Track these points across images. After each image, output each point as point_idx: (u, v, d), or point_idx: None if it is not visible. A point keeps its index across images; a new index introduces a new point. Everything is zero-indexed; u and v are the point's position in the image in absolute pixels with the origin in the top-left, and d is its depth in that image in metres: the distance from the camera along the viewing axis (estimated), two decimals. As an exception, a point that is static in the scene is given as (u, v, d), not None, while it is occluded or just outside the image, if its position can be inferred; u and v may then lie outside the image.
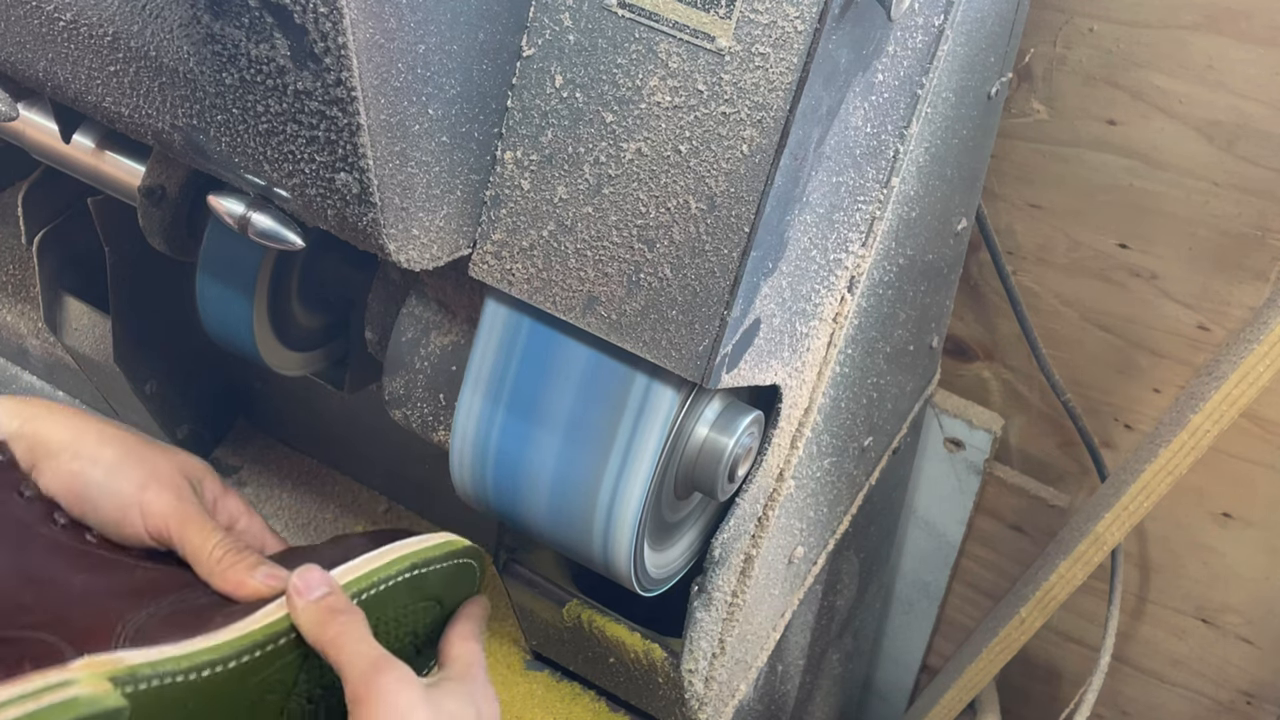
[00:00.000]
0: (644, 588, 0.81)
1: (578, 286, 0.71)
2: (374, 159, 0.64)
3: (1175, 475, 1.07)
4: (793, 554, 0.96)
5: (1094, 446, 1.28)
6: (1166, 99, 1.10)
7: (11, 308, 1.19)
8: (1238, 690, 1.42)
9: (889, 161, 0.79)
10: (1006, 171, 1.20)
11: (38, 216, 1.07)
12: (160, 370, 1.12)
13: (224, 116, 0.68)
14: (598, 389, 0.74)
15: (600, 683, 1.02)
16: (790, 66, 0.63)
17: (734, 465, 0.77)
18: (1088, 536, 1.14)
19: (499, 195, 0.71)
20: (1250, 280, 1.15)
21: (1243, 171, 1.10)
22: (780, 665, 1.09)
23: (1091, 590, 1.31)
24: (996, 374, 1.34)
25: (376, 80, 0.61)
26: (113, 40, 0.69)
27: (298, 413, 1.22)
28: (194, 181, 0.91)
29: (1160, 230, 1.17)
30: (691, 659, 0.88)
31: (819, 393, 0.84)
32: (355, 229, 0.68)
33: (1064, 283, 1.25)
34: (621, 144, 0.67)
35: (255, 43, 0.63)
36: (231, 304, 0.93)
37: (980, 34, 0.86)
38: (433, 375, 0.83)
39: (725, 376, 0.71)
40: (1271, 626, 1.35)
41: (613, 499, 0.75)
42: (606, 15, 0.66)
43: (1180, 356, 1.23)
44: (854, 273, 0.81)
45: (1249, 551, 1.31)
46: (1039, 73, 1.14)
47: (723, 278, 0.67)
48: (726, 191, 0.66)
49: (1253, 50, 1.04)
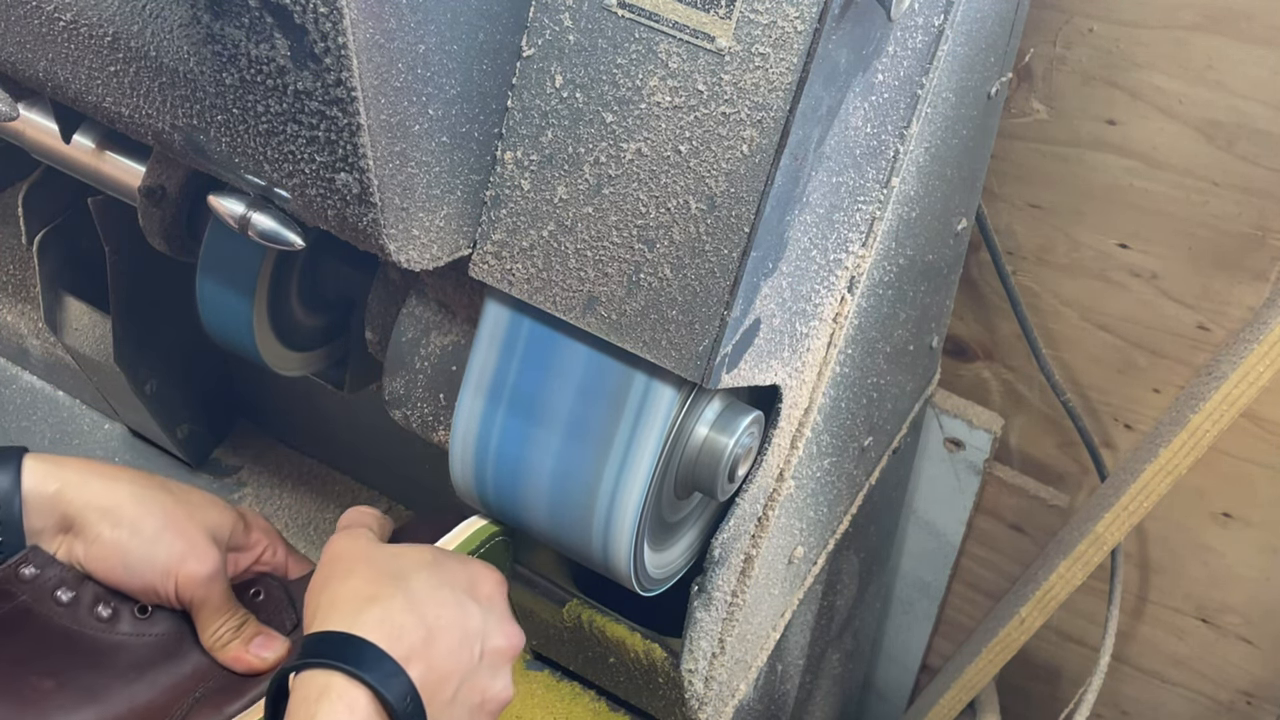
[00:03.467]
0: (644, 587, 0.81)
1: (578, 286, 0.71)
2: (374, 159, 0.64)
3: (1175, 475, 1.07)
4: (793, 554, 0.96)
5: (1094, 446, 1.28)
6: (1166, 99, 1.10)
7: (11, 308, 1.19)
8: (1238, 690, 1.42)
9: (889, 161, 0.79)
10: (1006, 171, 1.20)
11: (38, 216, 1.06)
12: (160, 370, 1.12)
13: (224, 116, 0.68)
14: (597, 389, 0.74)
15: (600, 683, 1.02)
16: (790, 66, 0.63)
17: (734, 465, 0.77)
18: (1088, 536, 1.14)
19: (499, 195, 0.71)
20: (1250, 280, 1.15)
21: (1243, 171, 1.10)
22: (780, 665, 1.09)
23: (1091, 590, 1.31)
24: (996, 374, 1.34)
25: (376, 80, 0.61)
26: (113, 40, 0.69)
27: (298, 413, 1.22)
28: (194, 181, 0.91)
29: (1160, 230, 1.17)
30: (691, 659, 0.88)
31: (819, 393, 0.84)
32: (355, 229, 0.68)
33: (1064, 283, 1.25)
34: (621, 144, 0.67)
35: (255, 43, 0.63)
36: (231, 304, 0.93)
37: (980, 34, 0.86)
38: (433, 375, 0.83)
39: (725, 376, 0.71)
40: (1271, 626, 1.35)
41: (612, 499, 0.75)
42: (606, 15, 0.66)
43: (1180, 356, 1.23)
44: (854, 273, 0.81)
45: (1249, 551, 1.31)
46: (1039, 73, 1.14)
47: (723, 278, 0.67)
48: (726, 191, 0.66)
49: (1253, 50, 1.04)
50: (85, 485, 0.77)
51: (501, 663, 0.73)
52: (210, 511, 0.80)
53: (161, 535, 0.77)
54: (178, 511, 0.78)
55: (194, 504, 0.80)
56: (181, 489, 0.81)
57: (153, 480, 0.80)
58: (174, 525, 0.78)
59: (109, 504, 0.77)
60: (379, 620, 0.67)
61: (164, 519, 0.77)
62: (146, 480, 0.79)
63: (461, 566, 0.75)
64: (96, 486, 0.77)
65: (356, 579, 0.70)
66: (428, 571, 0.72)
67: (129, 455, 1.22)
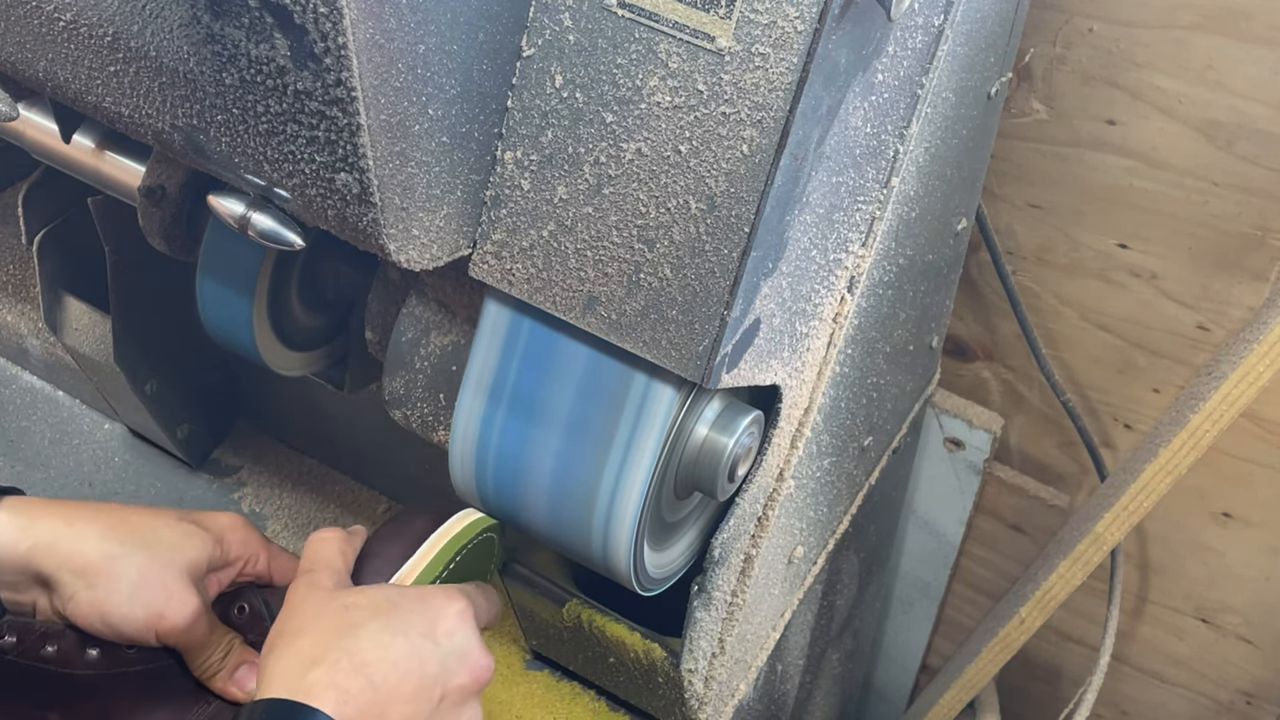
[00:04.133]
0: (644, 587, 0.81)
1: (578, 286, 0.71)
2: (374, 159, 0.64)
3: (1175, 475, 1.07)
4: (793, 554, 0.96)
5: (1094, 446, 1.28)
6: (1166, 99, 1.10)
7: (11, 308, 1.19)
8: (1238, 690, 1.42)
9: (889, 161, 0.79)
10: (1006, 171, 1.20)
11: (38, 216, 1.07)
12: (160, 370, 1.12)
13: (224, 116, 0.68)
14: (597, 389, 0.74)
15: (600, 683, 1.02)
16: (790, 66, 0.63)
17: (734, 465, 0.77)
18: (1088, 536, 1.14)
19: (499, 195, 0.71)
20: (1250, 280, 1.15)
21: (1243, 171, 1.10)
22: (780, 665, 1.09)
23: (1091, 590, 1.31)
24: (996, 374, 1.34)
25: (376, 80, 0.61)
26: (113, 40, 0.69)
27: (298, 413, 1.22)
28: (194, 181, 0.91)
29: (1160, 230, 1.17)
30: (691, 659, 0.88)
31: (819, 393, 0.84)
32: (355, 229, 0.68)
33: (1064, 283, 1.25)
34: (621, 144, 0.67)
35: (255, 43, 0.63)
36: (231, 304, 0.93)
37: (980, 34, 0.86)
38: (433, 375, 0.83)
39: (725, 376, 0.71)
40: (1271, 626, 1.35)
41: (612, 499, 0.75)
42: (606, 15, 0.66)
43: (1180, 356, 1.23)
44: (854, 273, 0.81)
45: (1249, 551, 1.31)
46: (1039, 73, 1.14)
47: (723, 278, 0.67)
48: (726, 191, 0.66)
49: (1253, 50, 1.04)
50: (55, 546, 0.77)
51: (466, 698, 0.73)
52: (185, 549, 0.80)
53: (137, 592, 0.78)
54: (152, 564, 0.79)
55: (167, 546, 0.80)
56: (152, 529, 0.80)
57: (124, 526, 0.80)
58: (149, 579, 0.78)
59: (81, 565, 0.77)
60: (326, 685, 0.67)
61: (138, 574, 0.78)
62: (118, 530, 0.79)
63: (419, 606, 0.73)
64: (66, 548, 0.78)
65: (305, 640, 0.70)
66: (380, 622, 0.71)
67: (129, 455, 1.22)
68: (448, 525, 0.81)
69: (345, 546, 0.79)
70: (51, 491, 1.18)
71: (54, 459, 1.21)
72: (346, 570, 0.77)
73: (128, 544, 0.79)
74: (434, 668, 0.71)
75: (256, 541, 0.86)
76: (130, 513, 0.81)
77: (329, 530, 0.80)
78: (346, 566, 0.78)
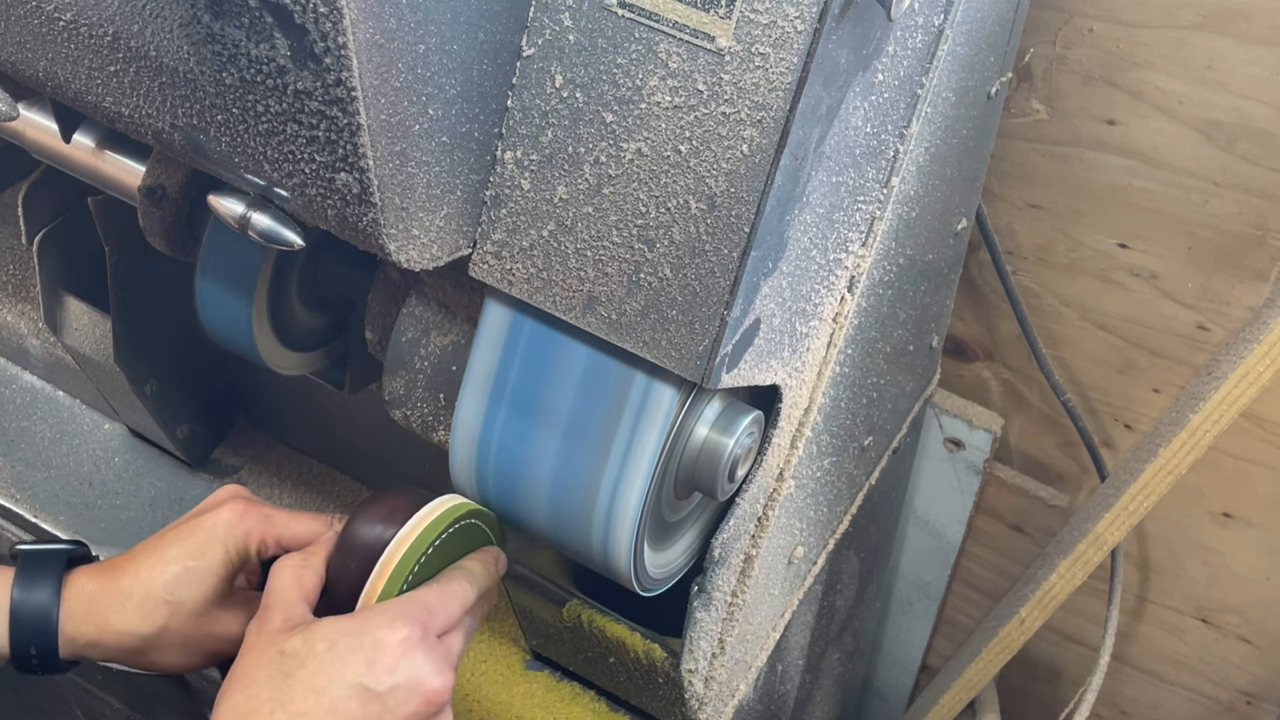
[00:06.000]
0: (644, 587, 0.81)
1: (578, 286, 0.71)
2: (374, 159, 0.64)
3: (1175, 475, 1.07)
4: (793, 554, 0.96)
5: (1094, 446, 1.28)
6: (1166, 99, 1.10)
7: (11, 308, 1.19)
8: (1238, 690, 1.42)
9: (889, 161, 0.79)
10: (1006, 171, 1.20)
11: (38, 216, 1.06)
12: (160, 370, 1.12)
13: (224, 116, 0.68)
14: (598, 389, 0.74)
15: (600, 683, 1.02)
16: (790, 66, 0.63)
17: (734, 465, 0.77)
18: (1088, 536, 1.14)
19: (499, 195, 0.71)
20: (1250, 280, 1.15)
21: (1243, 171, 1.10)
22: (780, 665, 1.09)
23: (1091, 590, 1.31)
24: (996, 374, 1.34)
25: (376, 80, 0.61)
26: (113, 40, 0.69)
27: (298, 413, 1.22)
28: (194, 181, 0.91)
29: (1160, 230, 1.17)
30: (691, 659, 0.88)
31: (819, 393, 0.84)
32: (355, 229, 0.68)
33: (1064, 283, 1.25)
34: (621, 144, 0.67)
35: (255, 43, 0.63)
36: (231, 304, 0.93)
37: (980, 34, 0.86)
38: (433, 375, 0.83)
39: (725, 376, 0.71)
40: (1271, 626, 1.35)
41: (612, 499, 0.75)
42: (606, 15, 0.66)
43: (1180, 356, 1.23)
44: (854, 273, 0.81)
45: (1249, 551, 1.31)
46: (1039, 73, 1.14)
47: (723, 278, 0.67)
48: (726, 191, 0.66)
49: (1253, 50, 1.04)
50: (108, 619, 0.82)
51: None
52: (223, 615, 0.83)
53: (191, 655, 0.83)
54: (194, 632, 0.83)
55: (202, 604, 0.82)
56: (184, 583, 0.82)
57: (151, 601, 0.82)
58: (191, 643, 0.83)
59: (131, 644, 0.82)
60: None
61: (181, 642, 0.82)
62: (154, 602, 0.82)
63: (357, 643, 0.72)
64: (116, 623, 0.82)
65: (240, 694, 0.71)
66: (313, 667, 0.71)
67: (129, 455, 1.22)
68: (425, 510, 0.79)
69: (303, 572, 0.77)
70: (51, 491, 1.18)
71: (54, 459, 1.21)
72: (303, 597, 0.76)
73: (166, 616, 0.82)
74: (374, 707, 0.71)
75: (256, 531, 0.84)
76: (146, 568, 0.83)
77: (288, 557, 0.79)
78: (304, 593, 0.76)
